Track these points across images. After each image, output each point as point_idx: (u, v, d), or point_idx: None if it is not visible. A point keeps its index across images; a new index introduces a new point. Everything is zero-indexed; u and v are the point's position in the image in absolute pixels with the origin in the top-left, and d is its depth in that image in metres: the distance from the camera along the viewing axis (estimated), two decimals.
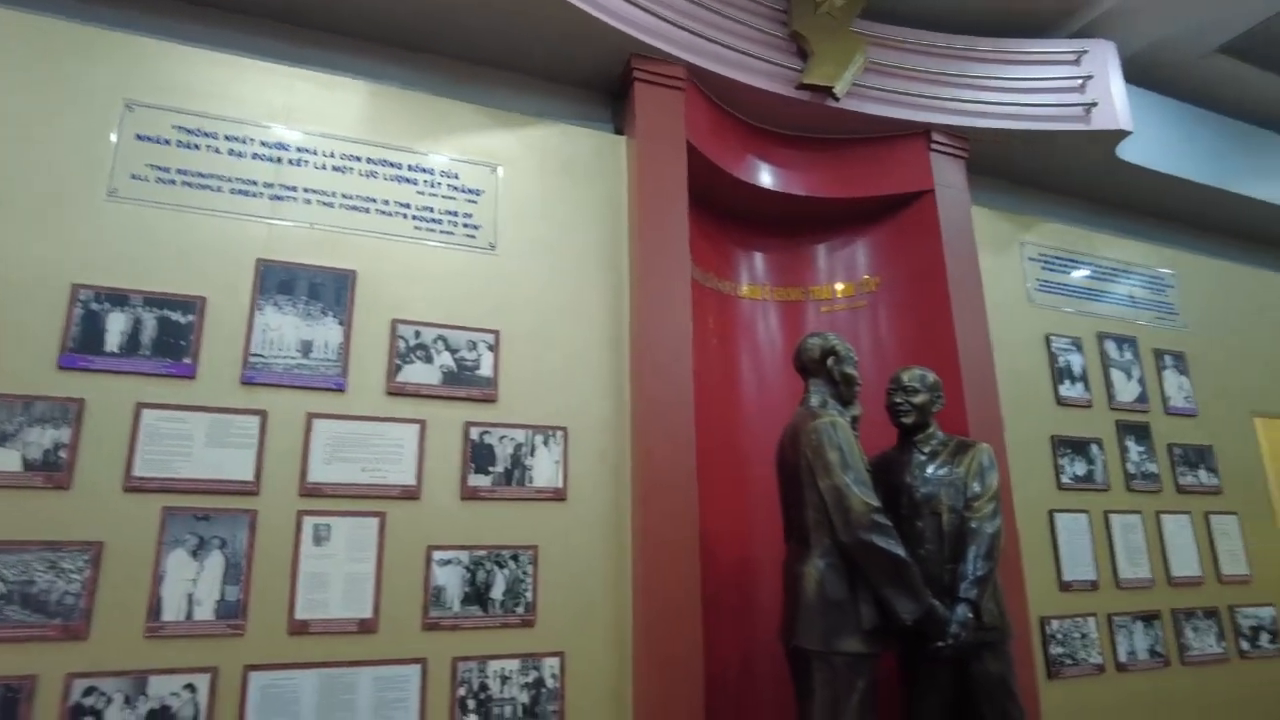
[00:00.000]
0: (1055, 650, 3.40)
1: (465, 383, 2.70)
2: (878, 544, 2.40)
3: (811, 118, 3.54)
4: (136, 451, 2.29)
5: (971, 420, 3.34)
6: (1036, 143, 3.85)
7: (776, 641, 2.65)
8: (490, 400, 2.72)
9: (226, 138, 2.61)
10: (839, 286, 3.78)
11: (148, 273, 2.42)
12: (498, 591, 2.57)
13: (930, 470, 2.86)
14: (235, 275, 2.51)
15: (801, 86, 3.38)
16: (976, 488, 2.77)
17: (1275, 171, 4.68)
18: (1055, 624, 3.44)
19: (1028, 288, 3.92)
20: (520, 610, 2.58)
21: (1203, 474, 4.09)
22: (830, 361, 2.76)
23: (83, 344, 2.31)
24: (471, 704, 2.46)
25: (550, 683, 2.56)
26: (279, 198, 2.63)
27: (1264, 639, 3.97)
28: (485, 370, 2.73)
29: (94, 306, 2.34)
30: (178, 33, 2.74)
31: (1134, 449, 3.92)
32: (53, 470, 2.20)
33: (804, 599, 2.50)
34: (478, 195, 2.90)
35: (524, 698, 2.52)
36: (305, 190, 2.67)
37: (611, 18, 2.96)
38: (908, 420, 2.93)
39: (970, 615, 2.51)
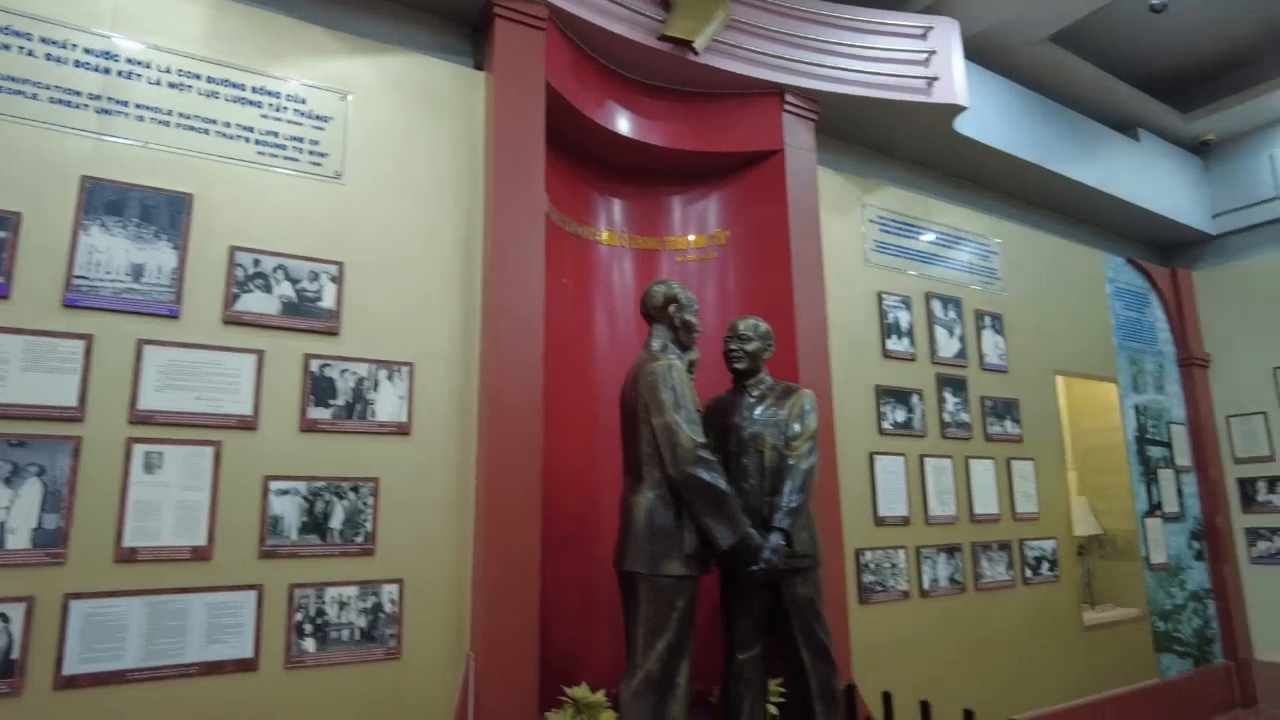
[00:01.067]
0: (868, 578, 3.82)
1: (306, 314, 2.72)
2: (701, 477, 2.64)
3: (673, 69, 3.67)
4: None
5: (802, 368, 3.64)
6: (881, 110, 4.14)
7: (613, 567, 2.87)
8: (332, 333, 2.75)
9: (43, 40, 2.47)
10: (691, 238, 3.98)
11: None
12: (337, 521, 2.65)
13: (758, 412, 3.13)
14: (56, 192, 2.41)
15: (662, 38, 3.49)
16: (796, 428, 3.06)
17: (1090, 155, 5.22)
18: (869, 555, 3.85)
19: (865, 248, 4.25)
20: (360, 539, 2.68)
21: (1009, 424, 4.62)
22: (672, 309, 2.96)
23: None
24: (308, 628, 2.55)
25: (389, 608, 2.68)
26: (107, 112, 2.52)
27: (1045, 567, 4.58)
28: (327, 302, 2.76)
29: None
30: None
31: (951, 400, 4.38)
32: None
33: (634, 527, 2.73)
34: (325, 122, 2.88)
35: (361, 622, 2.63)
36: (138, 106, 2.57)
37: None
38: (740, 366, 3.18)
39: (782, 543, 2.81)
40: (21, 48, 2.44)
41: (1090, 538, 5.36)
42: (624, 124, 3.64)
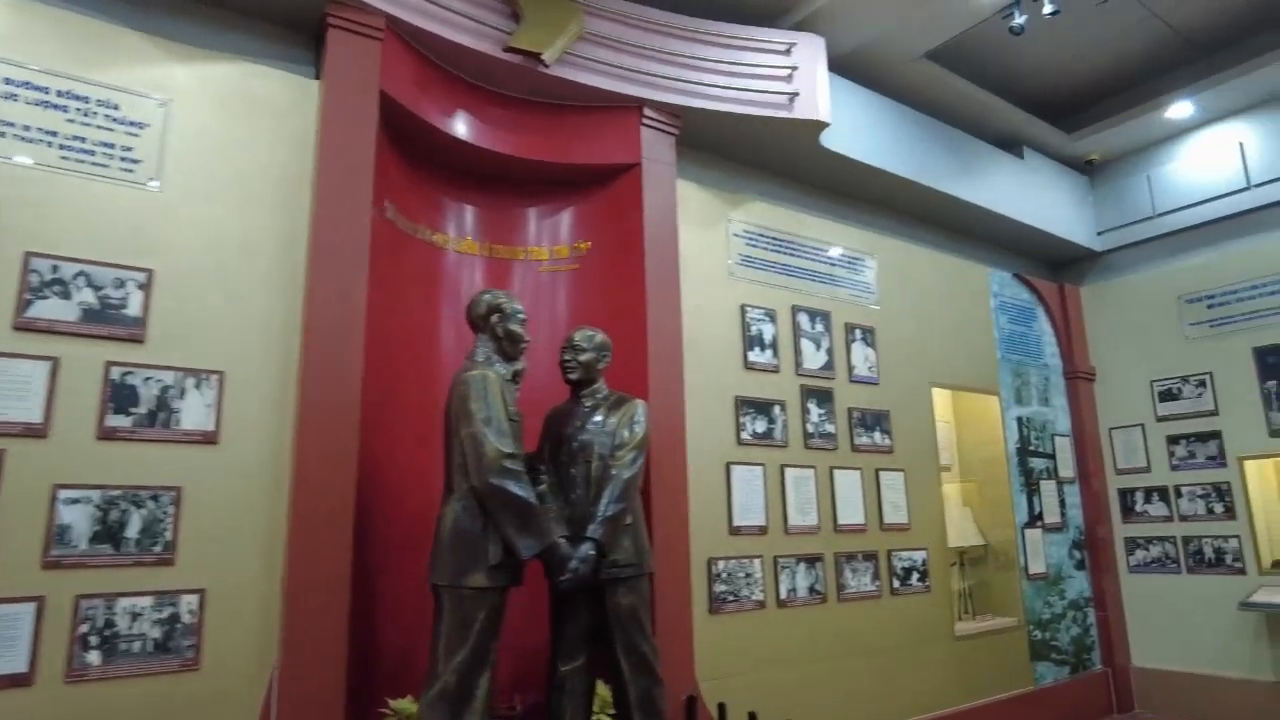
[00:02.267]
0: (719, 588, 3.87)
1: (109, 321, 2.71)
2: (502, 486, 2.67)
3: (528, 81, 3.71)
4: None
5: (653, 379, 3.70)
6: (744, 125, 4.23)
7: None
8: (137, 340, 2.74)
9: None
10: (554, 248, 4.02)
11: None
12: (133, 530, 2.64)
13: (590, 422, 3.17)
14: None
15: (509, 49, 3.54)
16: (625, 436, 3.10)
17: (974, 172, 5.37)
18: (722, 564, 3.90)
19: (730, 261, 4.33)
20: (158, 549, 2.66)
21: (877, 435, 4.72)
22: (494, 318, 2.99)
23: None
24: (95, 640, 2.53)
25: (188, 618, 2.67)
26: None
27: (914, 578, 4.67)
28: (133, 310, 2.75)
29: None
30: None
31: (815, 411, 4.46)
32: None
33: (440, 538, 2.75)
34: (141, 128, 2.88)
35: (156, 633, 2.62)
36: None
37: None
38: (573, 376, 3.23)
39: (592, 552, 2.84)
40: None
41: (974, 549, 5.48)
42: (474, 133, 3.68)
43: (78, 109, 2.79)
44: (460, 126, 3.65)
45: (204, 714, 2.65)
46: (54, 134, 2.73)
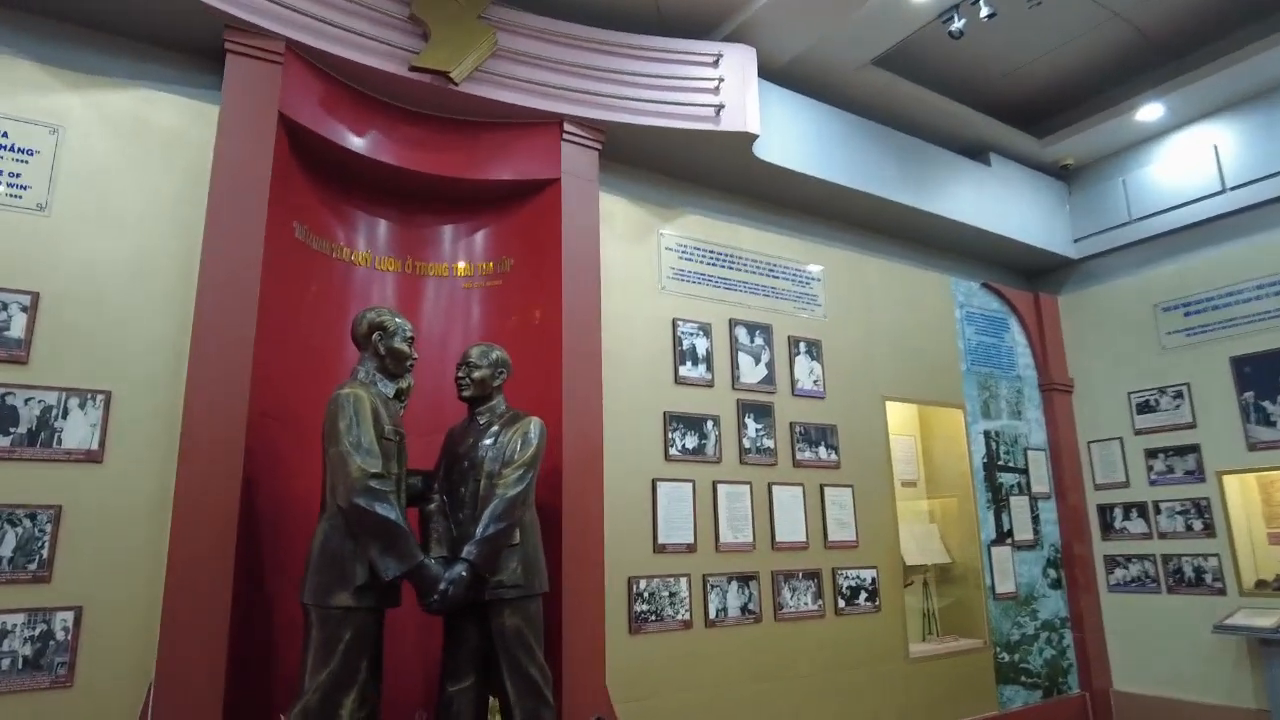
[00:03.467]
0: (641, 607, 3.82)
1: None
2: (365, 507, 2.67)
3: (441, 99, 3.75)
4: None
5: (568, 394, 3.69)
6: (671, 139, 4.21)
7: None
8: (19, 361, 2.82)
9: None
10: (479, 264, 4.04)
11: None
12: (6, 549, 2.69)
13: (482, 440, 3.16)
14: None
15: (415, 69, 3.58)
16: (513, 455, 3.08)
17: (933, 181, 5.26)
18: (644, 583, 3.85)
19: (661, 275, 4.30)
20: (33, 567, 2.72)
21: (822, 450, 4.63)
22: (375, 336, 3.02)
23: None
24: None
25: (61, 635, 2.72)
26: None
27: (862, 597, 4.55)
28: (15, 331, 2.83)
29: None
30: None
31: (753, 426, 4.39)
32: None
33: (310, 557, 2.76)
34: (30, 155, 2.97)
35: (27, 650, 2.67)
36: None
37: None
38: (466, 393, 3.23)
39: (464, 574, 2.82)
40: None
41: (943, 567, 5.32)
42: (387, 151, 3.72)
43: None
44: (372, 145, 3.69)
45: None
46: None
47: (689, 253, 4.45)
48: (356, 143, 3.65)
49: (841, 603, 4.49)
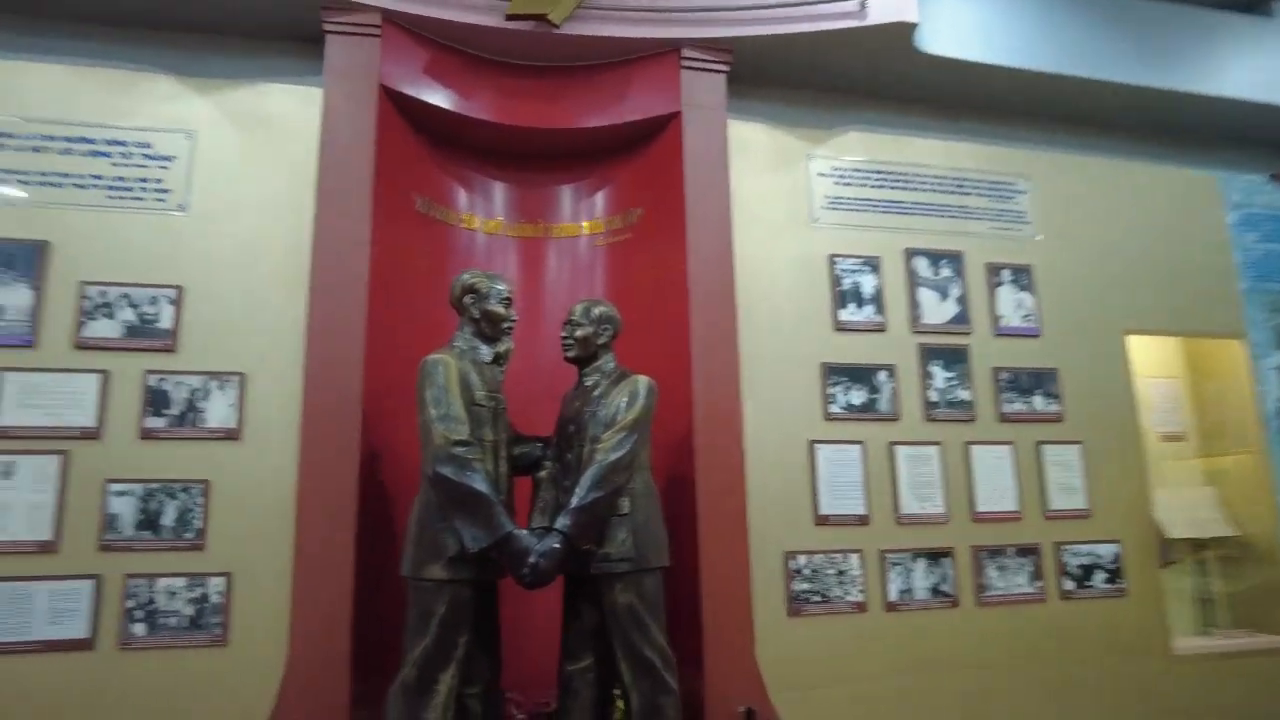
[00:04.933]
0: (801, 586, 3.42)
1: (146, 335, 3.11)
2: (448, 476, 2.59)
3: (546, 47, 3.60)
4: None
5: (697, 350, 3.38)
6: (811, 46, 3.69)
7: None
8: (169, 350, 3.12)
9: None
10: (604, 219, 3.85)
11: None
12: (169, 519, 3.00)
13: (588, 403, 2.97)
14: None
15: (511, 17, 3.43)
16: (616, 417, 2.85)
17: (1164, 48, 4.15)
18: (804, 560, 3.44)
19: (813, 206, 3.80)
20: (190, 535, 3.00)
21: (1038, 400, 3.84)
22: (468, 300, 2.93)
23: None
24: (140, 614, 2.93)
25: (215, 598, 2.98)
26: None
27: (1099, 578, 3.72)
28: (165, 323, 3.13)
29: None
30: None
31: (941, 375, 3.75)
32: None
33: (408, 530, 2.75)
34: (170, 161, 3.26)
35: (189, 611, 2.95)
36: (3, 171, 3.11)
37: None
38: (569, 354, 3.06)
39: (556, 545, 2.63)
40: None
41: (1217, 541, 4.22)
42: (492, 111, 3.63)
43: (120, 153, 3.24)
44: (480, 106, 3.63)
45: (231, 683, 2.92)
46: (100, 177, 3.21)
47: (847, 176, 3.87)
48: (465, 105, 3.61)
49: (1070, 584, 3.70)
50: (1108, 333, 4.02)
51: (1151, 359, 4.25)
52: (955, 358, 3.79)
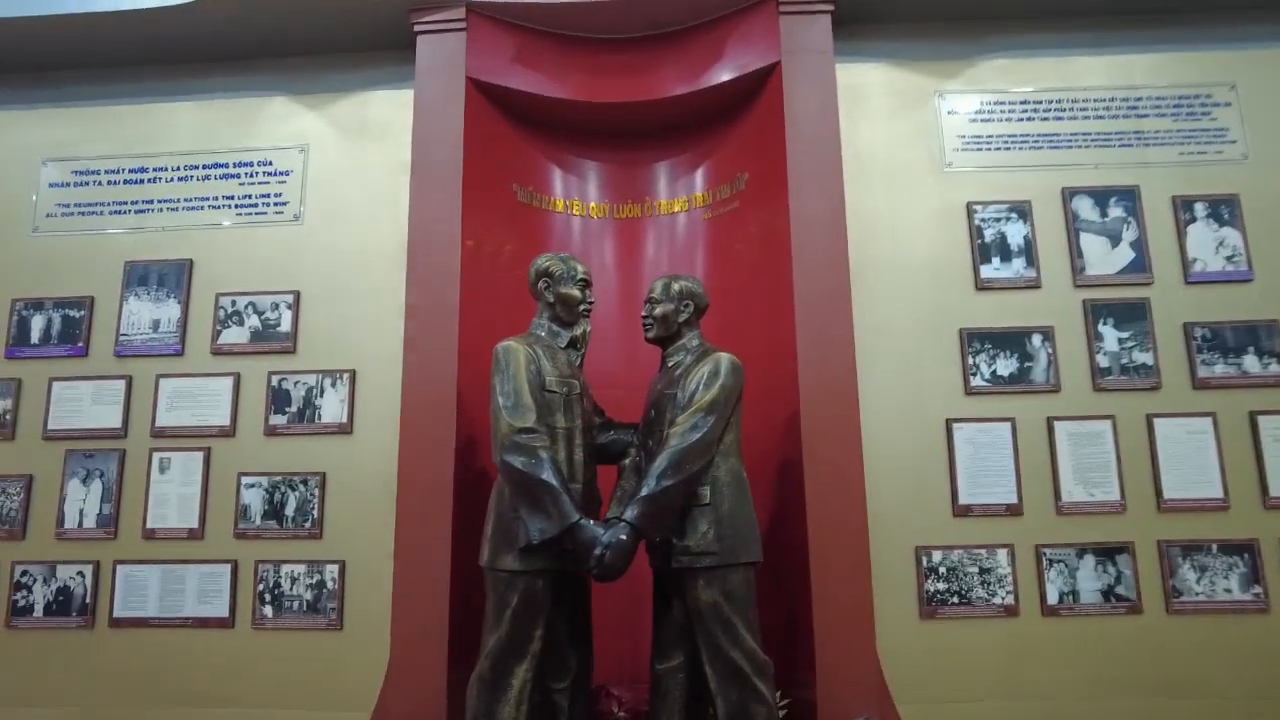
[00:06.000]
0: (936, 586, 3.02)
1: (269, 339, 3.37)
2: (512, 464, 2.54)
3: (633, 16, 3.46)
4: (49, 411, 3.36)
5: (802, 319, 3.11)
6: None
7: None
8: (289, 352, 3.36)
9: (104, 171, 3.55)
10: (711, 190, 3.63)
11: (55, 283, 3.47)
12: (290, 509, 3.23)
13: (670, 384, 2.80)
14: (110, 276, 3.45)
15: None
16: (693, 399, 2.65)
17: None
18: (939, 555, 3.03)
19: (945, 149, 3.33)
20: (308, 525, 3.22)
21: (1250, 360, 3.11)
22: (542, 285, 2.88)
23: (18, 340, 3.43)
24: (268, 597, 3.18)
25: (330, 584, 3.16)
26: (141, 211, 3.51)
27: None
28: (285, 326, 3.38)
29: (23, 313, 3.44)
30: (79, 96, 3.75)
31: (1112, 336, 3.15)
32: (2, 428, 3.36)
33: (486, 519, 2.72)
34: (287, 176, 3.52)
35: (309, 595, 3.16)
36: (158, 201, 3.51)
37: None
38: (650, 334, 2.91)
39: (624, 537, 2.48)
40: (92, 180, 3.53)
41: None
42: (585, 91, 3.56)
43: (246, 173, 3.54)
44: (573, 88, 3.56)
45: (345, 662, 3.10)
46: (231, 197, 3.52)
47: (988, 112, 3.36)
48: (551, 87, 3.55)
49: None
50: None
51: None
52: (1131, 314, 3.15)
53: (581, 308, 2.89)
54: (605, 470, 2.91)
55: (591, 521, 2.57)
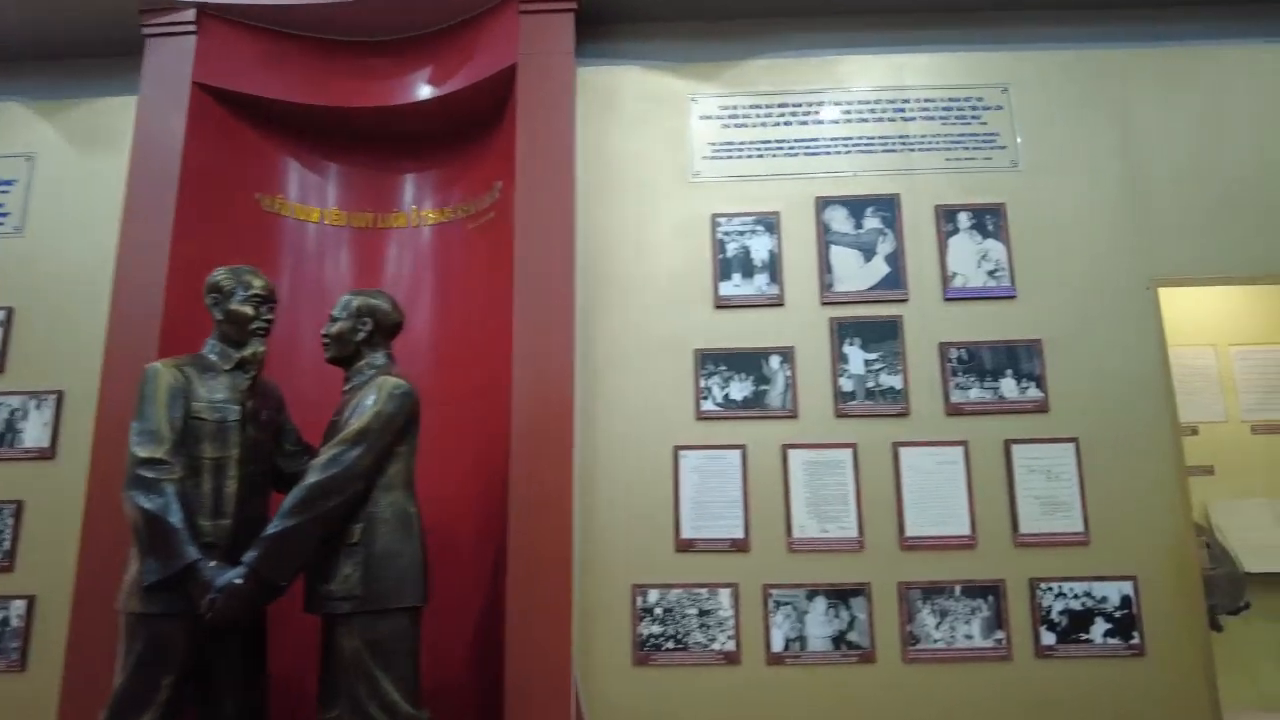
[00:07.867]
0: (651, 629, 2.78)
1: None
2: (131, 498, 2.35)
3: (380, 17, 3.28)
4: None
5: (518, 335, 2.87)
6: None
7: None
8: None
9: None
10: (470, 199, 3.42)
11: None
12: None
13: (339, 410, 2.59)
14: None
15: None
16: (346, 426, 2.43)
17: None
18: (655, 594, 2.78)
19: (692, 157, 3.11)
20: (1, 559, 2.98)
21: (1007, 385, 2.86)
22: (210, 301, 2.68)
23: None
24: None
25: (15, 622, 2.94)
26: None
27: (1098, 629, 2.67)
28: None
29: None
30: None
31: (858, 357, 2.92)
32: None
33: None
34: (11, 185, 3.35)
35: None
36: None
37: None
38: (328, 354, 2.73)
39: (239, 581, 2.27)
40: None
41: None
42: (327, 95, 3.37)
43: None
44: (315, 92, 3.38)
45: (29, 716, 2.84)
46: None
47: (742, 115, 3.16)
48: (299, 94, 3.36)
49: (1050, 637, 2.67)
50: (1127, 284, 2.91)
51: (1200, 320, 3.02)
52: (880, 333, 2.92)
53: (254, 325, 2.68)
54: None
55: (213, 564, 2.35)
